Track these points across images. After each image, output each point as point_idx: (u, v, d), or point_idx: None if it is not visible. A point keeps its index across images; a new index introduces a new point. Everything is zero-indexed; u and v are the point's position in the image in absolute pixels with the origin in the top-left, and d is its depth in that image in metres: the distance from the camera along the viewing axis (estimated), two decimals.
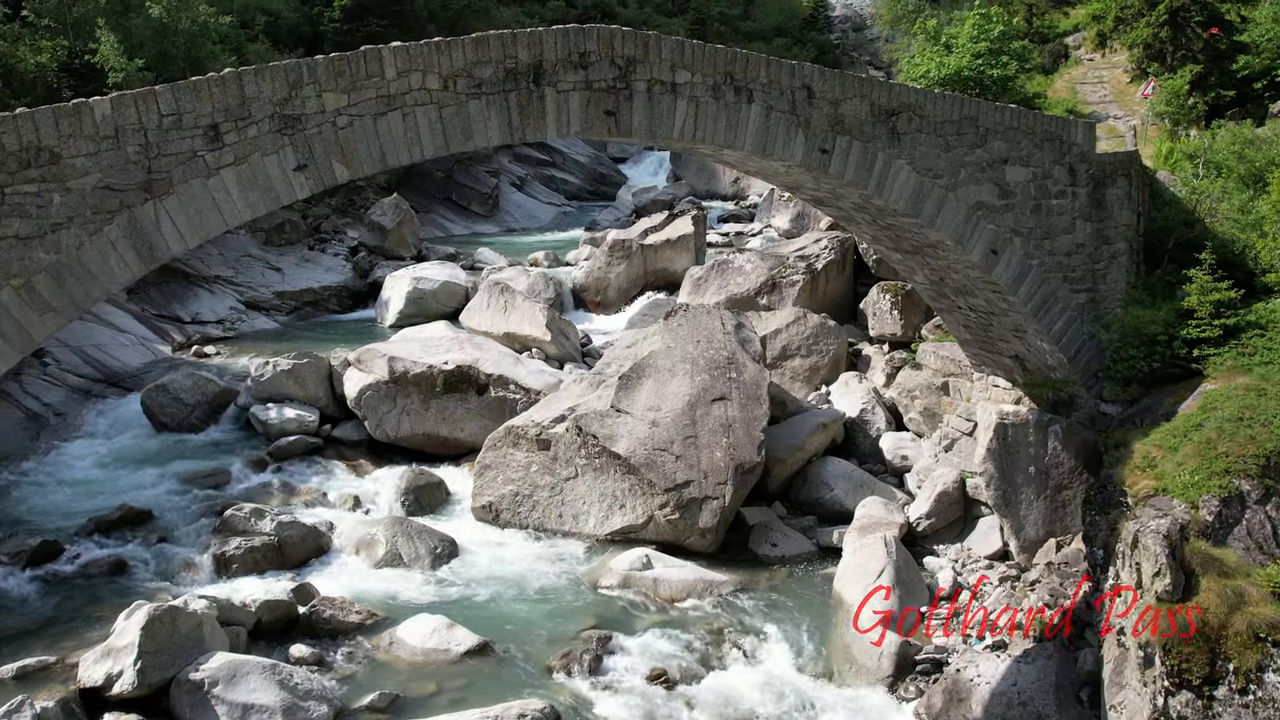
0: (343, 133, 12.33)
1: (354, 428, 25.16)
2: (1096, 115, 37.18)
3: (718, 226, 50.46)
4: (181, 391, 25.86)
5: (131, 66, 35.88)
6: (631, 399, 21.07)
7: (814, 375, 25.08)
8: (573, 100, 13.58)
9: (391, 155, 12.68)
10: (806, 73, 15.04)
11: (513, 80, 13.17)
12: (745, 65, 14.56)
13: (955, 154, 16.53)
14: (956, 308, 19.36)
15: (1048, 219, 17.75)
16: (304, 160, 12.19)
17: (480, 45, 12.88)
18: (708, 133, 14.57)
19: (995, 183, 17.05)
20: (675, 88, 14.18)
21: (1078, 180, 17.98)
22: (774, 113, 14.90)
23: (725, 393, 21.10)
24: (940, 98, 16.27)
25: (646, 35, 13.86)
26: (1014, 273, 17.44)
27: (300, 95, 12.04)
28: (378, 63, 12.37)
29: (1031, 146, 17.34)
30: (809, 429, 22.24)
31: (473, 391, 24.56)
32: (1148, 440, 14.71)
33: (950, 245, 16.97)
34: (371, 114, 12.46)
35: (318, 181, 12.33)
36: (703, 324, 22.46)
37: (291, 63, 11.93)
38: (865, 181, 15.80)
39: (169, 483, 22.41)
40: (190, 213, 11.72)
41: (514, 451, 21.34)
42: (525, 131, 13.37)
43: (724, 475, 19.99)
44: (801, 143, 15.19)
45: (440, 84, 12.76)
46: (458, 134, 12.99)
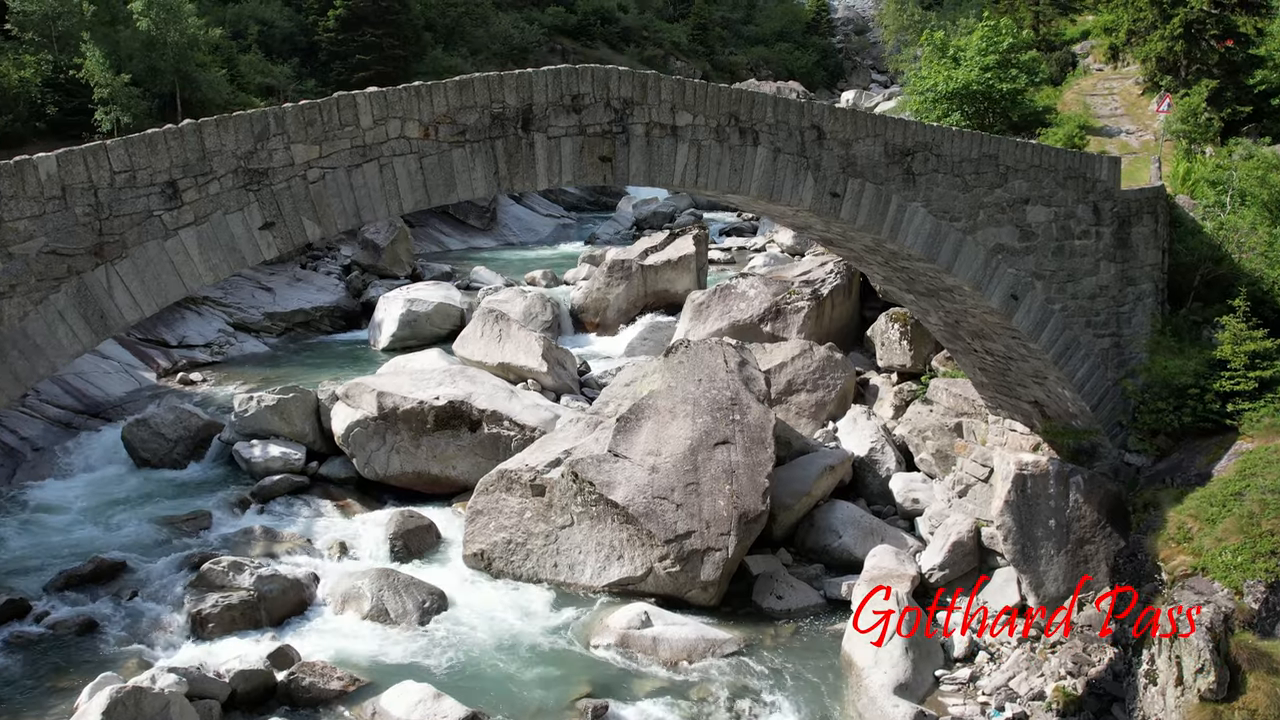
0: (314, 187, 11.35)
1: (342, 465, 24.20)
2: (1108, 129, 36.22)
3: (719, 240, 49.67)
4: (163, 426, 24.90)
5: (117, 82, 34.94)
6: (630, 442, 20.06)
7: (820, 411, 24.07)
8: (565, 147, 12.59)
9: (367, 210, 11.70)
10: (816, 112, 14.05)
11: (499, 126, 12.18)
12: (751, 105, 13.57)
13: (974, 194, 15.54)
14: (972, 350, 18.37)
15: (1070, 261, 16.75)
16: (271, 218, 11.21)
17: (464, 89, 11.89)
18: (710, 178, 13.58)
19: (1016, 224, 16.06)
20: (676, 130, 13.19)
21: (1102, 219, 16.98)
22: (781, 155, 13.91)
23: (728, 436, 20.09)
24: (958, 135, 15.28)
25: (644, 75, 12.87)
26: (1035, 319, 16.45)
27: (267, 147, 11.06)
28: (352, 110, 11.38)
29: (1054, 185, 16.35)
30: (816, 472, 21.23)
31: (465, 428, 23.57)
32: (1182, 507, 13.70)
33: (968, 290, 15.99)
34: (345, 166, 11.48)
35: (286, 240, 11.35)
36: (704, 361, 21.45)
37: (257, 112, 10.95)
38: (878, 226, 14.82)
39: (146, 527, 21.42)
40: (146, 277, 10.74)
41: (507, 497, 20.35)
42: (513, 181, 12.39)
43: (727, 525, 18.99)
44: (811, 186, 14.20)
45: (421, 132, 11.77)
46: (439, 185, 12.01)
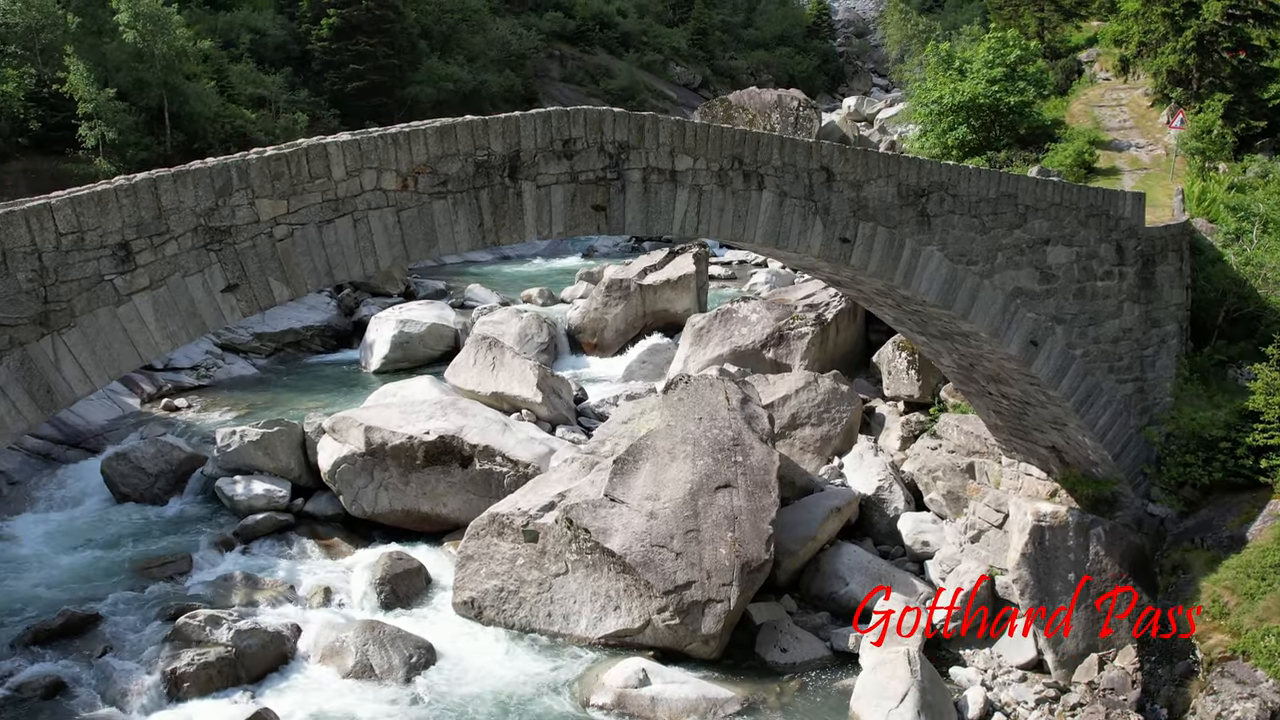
0: (281, 245, 10.45)
1: (328, 501, 23.30)
2: (1117, 143, 35.35)
3: (720, 254, 48.71)
4: (144, 460, 24.00)
5: (102, 96, 34.04)
6: (627, 486, 19.16)
7: (825, 446, 23.17)
8: (555, 195, 11.69)
9: (340, 269, 10.80)
10: (825, 153, 13.14)
11: (484, 175, 11.28)
12: (756, 147, 12.66)
13: (992, 236, 14.64)
14: (987, 393, 17.48)
15: (1092, 303, 15.85)
16: (235, 279, 10.31)
17: (446, 136, 10.99)
18: (712, 225, 12.68)
19: (1036, 266, 15.16)
20: (675, 175, 12.29)
21: (1125, 259, 16.08)
22: (788, 199, 13.01)
23: (730, 479, 19.19)
24: (976, 174, 14.38)
25: (641, 117, 11.96)
26: (1055, 365, 15.55)
27: (229, 204, 10.16)
28: (323, 161, 10.47)
29: (1076, 223, 15.45)
30: (822, 514, 20.33)
31: (456, 464, 22.67)
32: (1216, 576, 12.80)
33: (984, 337, 15.10)
34: (316, 221, 10.58)
35: (251, 303, 10.45)
36: (705, 398, 20.55)
37: (218, 165, 10.04)
38: (891, 272, 13.91)
39: (123, 572, 20.51)
40: (97, 348, 9.83)
41: (498, 542, 19.45)
42: (500, 234, 11.49)
43: (729, 575, 18.09)
44: (820, 232, 13.30)
45: (398, 183, 10.87)
46: (419, 240, 11.12)
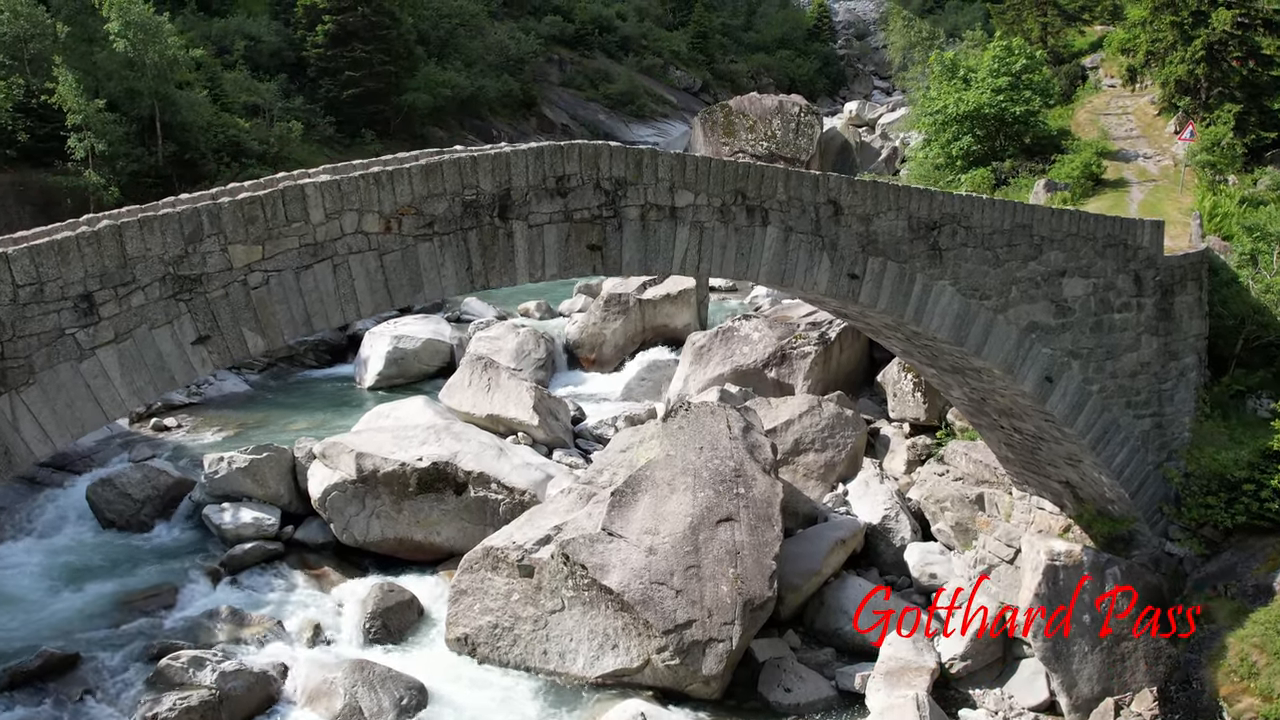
0: (256, 293, 9.82)
1: (319, 528, 22.67)
2: (1124, 153, 34.76)
3: None
4: (130, 486, 23.37)
5: (91, 107, 33.40)
6: (625, 519, 18.53)
7: (829, 472, 22.54)
8: (548, 235, 11.07)
9: (319, 317, 10.17)
10: (833, 186, 12.51)
11: (473, 215, 10.65)
12: (760, 181, 12.04)
13: (1006, 269, 14.01)
14: (999, 426, 16.85)
15: (1109, 337, 15.22)
16: (206, 330, 9.68)
17: (432, 175, 10.36)
18: (714, 262, 12.07)
19: (1051, 299, 14.54)
20: (675, 212, 11.66)
21: (1144, 289, 15.46)
22: (794, 235, 12.39)
23: (732, 512, 18.57)
24: (989, 205, 13.75)
25: (639, 152, 11.33)
26: (1071, 402, 14.93)
27: (200, 250, 9.53)
28: (300, 204, 9.85)
29: (1092, 254, 14.82)
30: (826, 547, 19.70)
31: (450, 491, 22.04)
32: (1244, 632, 12.20)
33: (998, 374, 14.47)
34: (293, 268, 9.95)
35: (224, 355, 9.82)
36: (706, 427, 19.92)
37: (187, 209, 9.42)
38: (901, 309, 13.29)
39: (106, 605, 19.88)
40: (58, 406, 9.21)
41: (493, 576, 18.82)
42: (489, 277, 10.86)
43: (731, 614, 17.47)
44: (827, 268, 12.67)
45: (381, 225, 10.25)
46: (404, 286, 10.48)
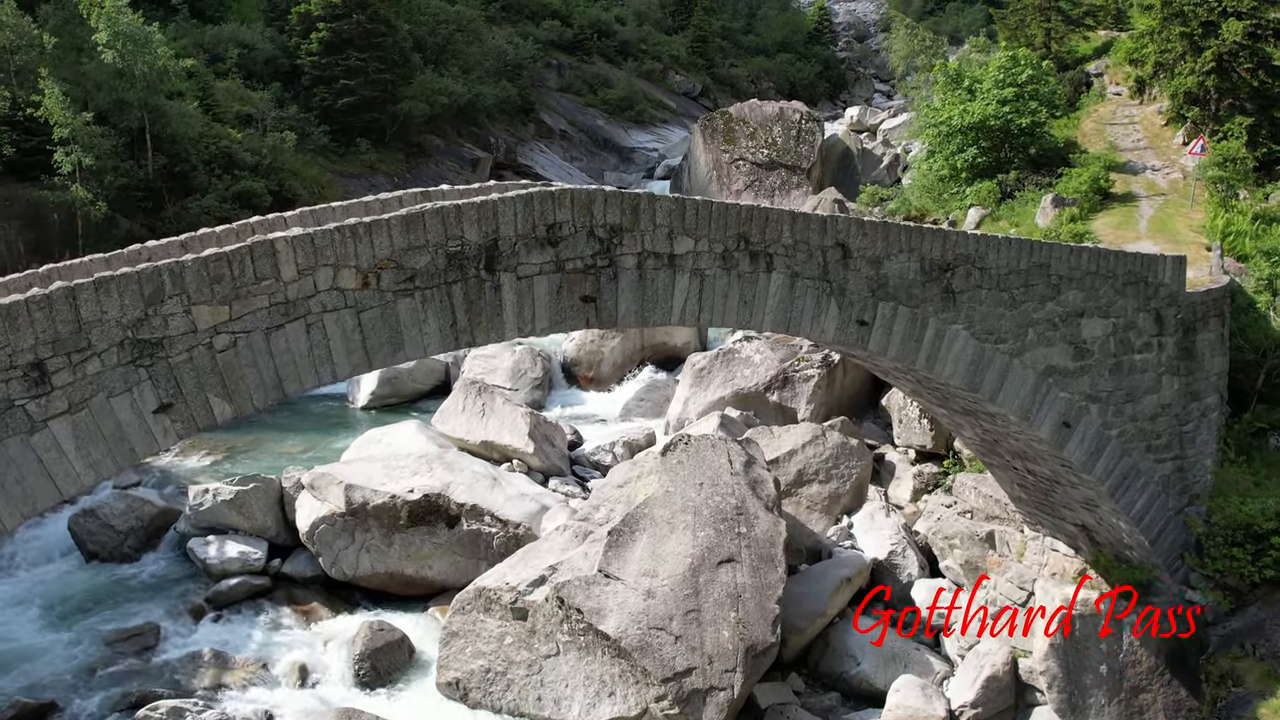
0: (223, 356, 9.13)
1: (307, 561, 21.97)
2: (1132, 165, 34.06)
3: None
4: (113, 517, 22.66)
5: (78, 121, 32.65)
6: (623, 560, 17.85)
7: (834, 504, 21.85)
8: (539, 287, 10.37)
9: (292, 380, 9.47)
10: (841, 228, 11.82)
11: (457, 268, 9.96)
12: (764, 225, 11.34)
13: (1022, 311, 13.32)
14: (1012, 468, 16.16)
15: (1129, 378, 14.53)
16: (168, 398, 8.99)
17: (413, 226, 9.67)
18: (716, 312, 11.37)
19: (1070, 341, 13.84)
20: (674, 260, 10.97)
21: (1165, 328, 14.76)
22: (800, 280, 11.70)
23: (734, 553, 17.88)
24: (1005, 244, 13.06)
25: (636, 197, 10.65)
26: (1089, 448, 14.23)
27: (161, 312, 8.83)
28: (270, 260, 9.15)
29: (1112, 293, 14.13)
30: (831, 586, 19.02)
31: (442, 524, 21.36)
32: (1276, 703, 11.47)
33: (1013, 420, 13.78)
34: (263, 328, 9.25)
35: (189, 424, 9.13)
36: (707, 461, 19.23)
37: (147, 269, 8.72)
38: (913, 356, 12.60)
39: (86, 645, 19.19)
40: (7, 483, 8.51)
41: (485, 619, 18.13)
42: (475, 334, 10.17)
43: (732, 660, 16.79)
44: (835, 315, 11.98)
45: (358, 281, 9.55)
46: (383, 345, 9.78)
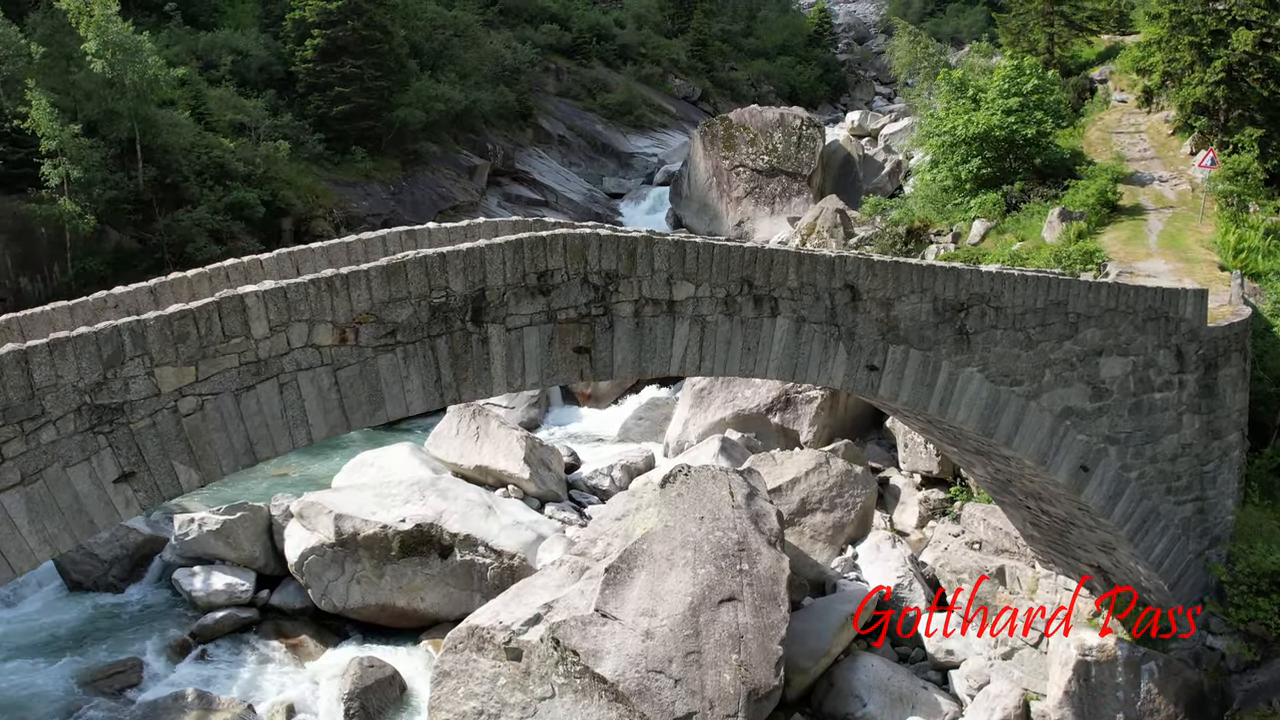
0: (189, 421, 8.50)
1: (296, 592, 21.36)
2: (1139, 175, 33.45)
3: None
4: (97, 545, 22.03)
5: (65, 133, 32.06)
6: (620, 599, 17.22)
7: (838, 534, 21.23)
8: (529, 339, 9.74)
9: (264, 444, 8.84)
10: (850, 269, 11.19)
11: (442, 320, 9.33)
12: (769, 267, 10.72)
13: (1039, 351, 12.69)
14: (1025, 507, 15.55)
15: (1149, 418, 13.90)
16: (130, 466, 8.36)
17: (394, 277, 9.04)
18: (718, 360, 10.74)
19: (1088, 381, 13.21)
20: (673, 306, 10.34)
21: (1186, 365, 14.14)
22: (807, 325, 11.07)
23: (735, 591, 17.26)
24: (1022, 282, 12.44)
25: (633, 241, 10.01)
26: (1108, 491, 13.61)
27: (121, 375, 8.21)
28: (239, 317, 8.52)
29: (1132, 330, 13.51)
30: (836, 622, 18.39)
31: (435, 554, 20.73)
32: None
33: (1029, 464, 13.16)
34: (232, 390, 8.62)
35: (152, 494, 8.50)
36: (707, 494, 18.61)
37: (105, 329, 8.09)
38: (925, 400, 11.97)
39: (66, 683, 18.56)
40: None
41: (478, 659, 17.50)
42: (461, 390, 9.54)
43: (734, 705, 16.16)
44: (843, 360, 11.36)
45: (335, 337, 8.92)
46: (362, 404, 9.15)
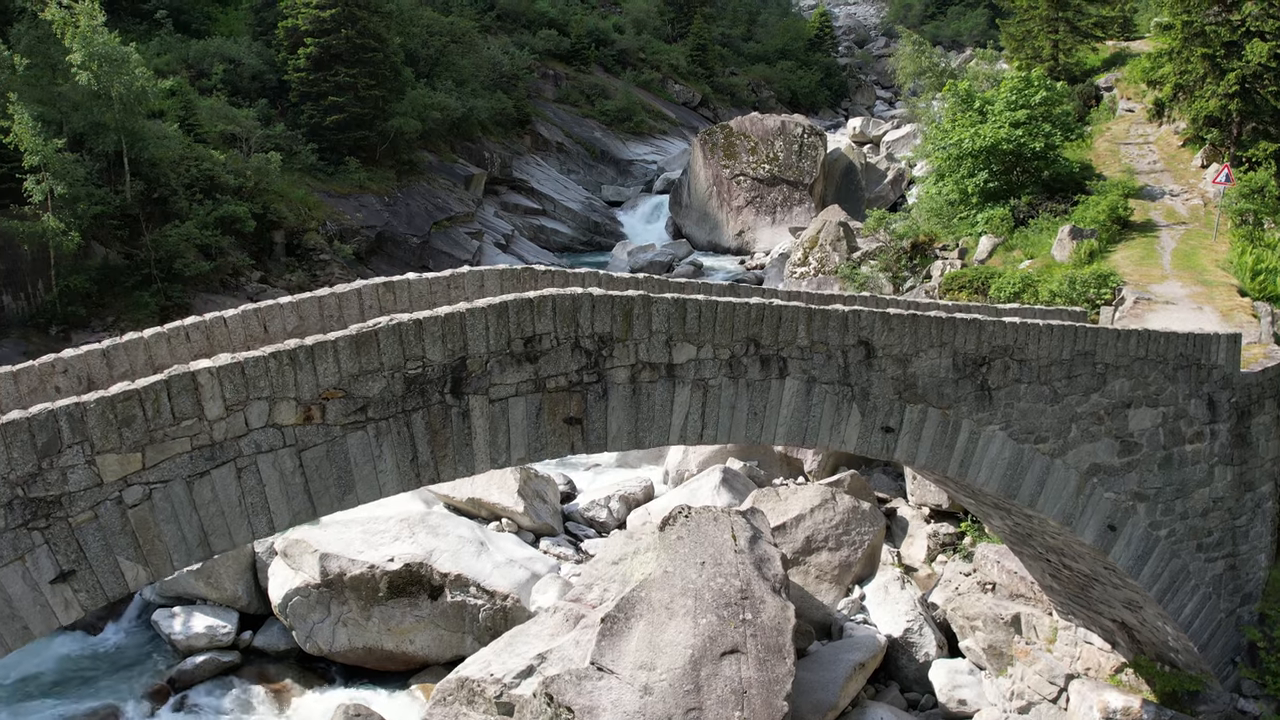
0: (135, 512, 7.65)
1: (280, 632, 20.49)
2: (1149, 190, 32.64)
3: None
4: None
5: (49, 148, 31.12)
6: (618, 651, 16.37)
7: (845, 574, 20.38)
8: (515, 411, 8.89)
9: (220, 536, 7.99)
10: (865, 324, 10.34)
11: (418, 393, 8.47)
12: (777, 325, 9.86)
13: (1065, 405, 11.85)
14: (1045, 560, 14.70)
15: (1180, 472, 13.06)
16: (69, 565, 7.51)
17: (364, 348, 8.18)
18: (721, 428, 9.89)
19: (1116, 435, 12.37)
20: (673, 370, 9.49)
21: (1218, 414, 13.29)
22: (817, 386, 10.21)
23: (738, 643, 16.41)
24: (1047, 333, 11.58)
25: (629, 301, 9.15)
26: (1136, 551, 12.76)
27: (58, 465, 7.35)
28: (191, 396, 7.66)
29: (1162, 379, 12.66)
30: (844, 673, 17.53)
31: (424, 595, 19.87)
32: None
33: (1053, 525, 12.32)
34: (184, 476, 7.77)
35: (95, 594, 7.65)
36: (708, 537, 17.76)
37: (40, 414, 7.24)
38: (944, 462, 11.13)
39: None
40: None
41: (468, 712, 16.67)
42: (440, 469, 8.68)
43: None
44: (857, 422, 10.51)
45: (299, 415, 8.06)
46: (330, 489, 8.29)
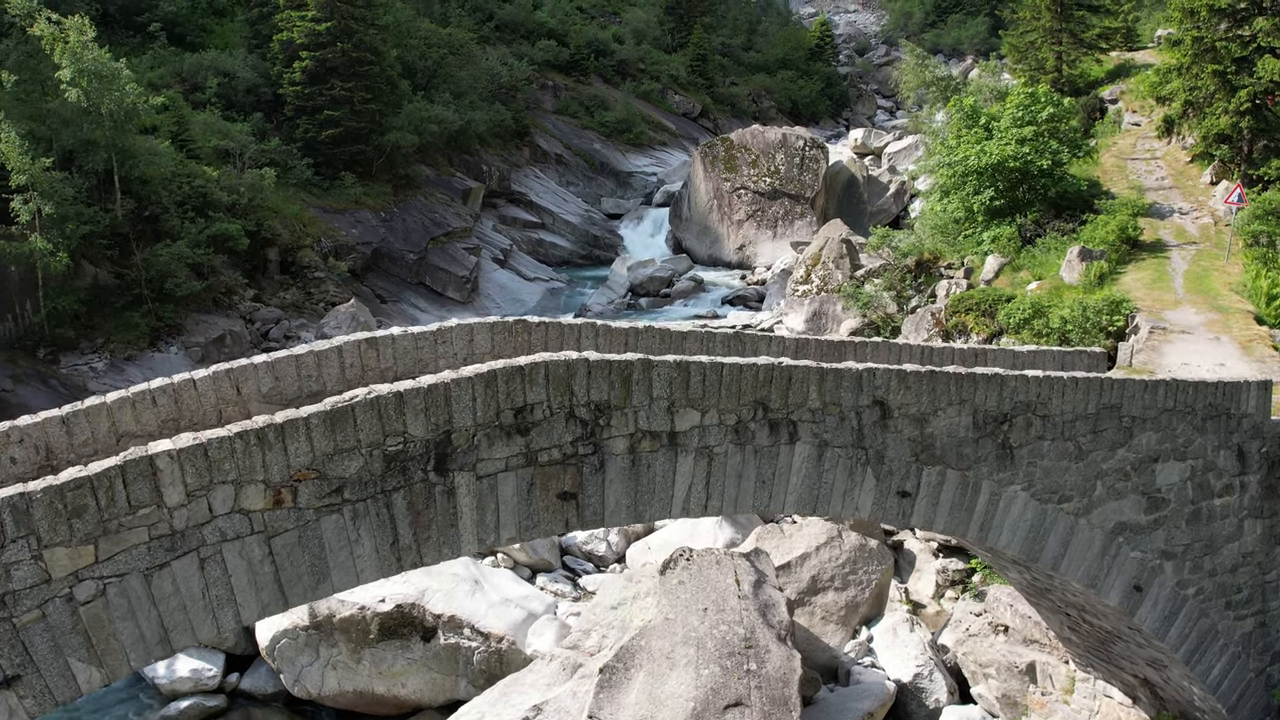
0: (88, 610, 6.99)
1: (268, 675, 19.81)
2: (1158, 207, 32.06)
3: (723, 312, 45.66)
4: None
5: (36, 167, 30.52)
6: (616, 704, 15.70)
7: (851, 614, 19.70)
8: (504, 487, 8.23)
9: (182, 632, 7.32)
10: (880, 382, 9.69)
11: (399, 471, 7.82)
12: (787, 387, 9.21)
13: (1089, 461, 11.19)
14: (1064, 613, 14.03)
15: (1208, 528, 12.40)
16: (15, 669, 6.84)
17: (340, 424, 7.53)
18: (727, 498, 9.23)
19: (1142, 492, 11.71)
20: (675, 438, 8.83)
21: (1248, 465, 12.64)
22: (830, 450, 9.56)
23: (742, 695, 15.73)
24: (1072, 386, 10.93)
25: (628, 366, 8.50)
26: (1163, 611, 12.10)
27: (1, 561, 6.70)
28: (148, 482, 7.00)
29: (1190, 430, 12.01)
30: None
31: (417, 637, 19.20)
32: None
33: (1077, 587, 11.66)
34: (142, 569, 7.11)
35: (44, 699, 6.98)
36: (711, 582, 17.10)
37: None
38: (964, 526, 10.47)
39: None
40: None
41: None
42: (423, 552, 8.02)
43: None
44: (871, 487, 9.85)
45: (268, 499, 7.40)
46: (302, 577, 7.63)
